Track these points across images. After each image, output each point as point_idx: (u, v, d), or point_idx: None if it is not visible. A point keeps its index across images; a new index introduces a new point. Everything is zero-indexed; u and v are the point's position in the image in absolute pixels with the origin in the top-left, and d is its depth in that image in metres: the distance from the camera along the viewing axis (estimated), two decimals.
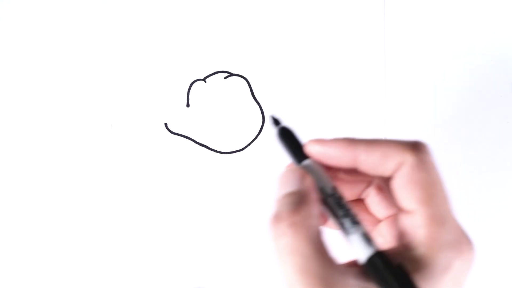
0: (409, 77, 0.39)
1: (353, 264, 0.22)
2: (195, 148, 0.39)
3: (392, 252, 0.22)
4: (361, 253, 0.21)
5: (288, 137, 0.26)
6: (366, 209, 0.28)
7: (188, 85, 0.39)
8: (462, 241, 0.22)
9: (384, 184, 0.25)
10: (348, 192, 0.27)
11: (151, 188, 0.39)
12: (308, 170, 0.24)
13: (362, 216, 0.27)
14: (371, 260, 0.21)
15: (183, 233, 0.39)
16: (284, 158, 0.25)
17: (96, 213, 0.39)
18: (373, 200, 0.27)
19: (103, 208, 0.39)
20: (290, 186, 0.23)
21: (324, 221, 0.27)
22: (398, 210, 0.23)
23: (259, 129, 0.39)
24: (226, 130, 0.39)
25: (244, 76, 0.39)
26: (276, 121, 0.27)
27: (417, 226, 0.22)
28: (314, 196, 0.23)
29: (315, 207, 0.23)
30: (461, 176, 0.39)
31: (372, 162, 0.23)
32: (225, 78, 0.39)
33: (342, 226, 0.22)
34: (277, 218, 0.22)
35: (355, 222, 0.22)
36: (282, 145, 0.26)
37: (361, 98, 0.39)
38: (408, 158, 0.22)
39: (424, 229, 0.22)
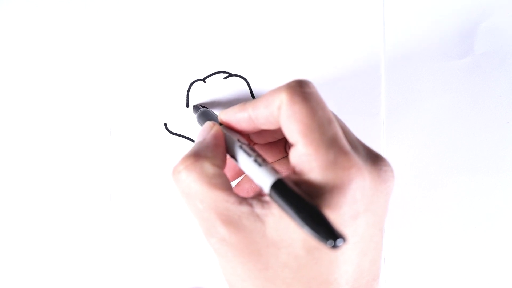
0: (408, 77, 0.39)
1: (254, 197, 0.24)
2: None
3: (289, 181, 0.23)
4: (265, 184, 0.23)
5: (205, 115, 0.32)
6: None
7: (188, 86, 0.39)
8: (352, 162, 0.23)
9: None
10: (274, 152, 0.30)
11: (151, 188, 0.39)
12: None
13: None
14: (273, 187, 0.22)
15: (182, 233, 0.39)
16: None
17: (96, 213, 0.39)
18: None
19: (102, 208, 0.39)
20: (198, 139, 0.27)
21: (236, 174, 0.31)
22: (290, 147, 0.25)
23: None
24: None
25: (244, 76, 0.39)
26: (197, 108, 0.34)
27: (301, 155, 0.23)
28: (214, 142, 0.26)
29: (213, 151, 0.25)
30: (460, 177, 0.40)
31: (261, 115, 0.25)
32: (225, 78, 0.39)
33: (250, 166, 0.24)
34: (174, 168, 0.25)
35: (259, 161, 0.24)
36: (200, 121, 0.32)
37: (361, 98, 0.39)
38: (283, 98, 0.23)
39: (306, 156, 0.23)
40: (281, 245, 0.22)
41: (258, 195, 0.24)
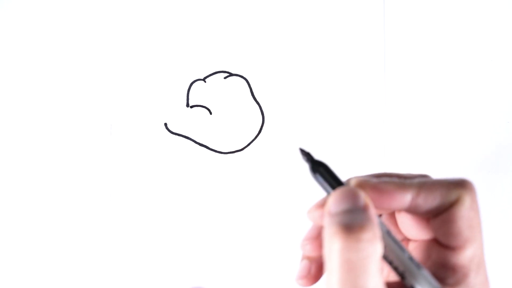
0: (409, 77, 0.39)
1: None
2: (195, 148, 0.39)
3: None
4: None
5: (330, 174, 0.24)
6: None
7: (188, 85, 0.39)
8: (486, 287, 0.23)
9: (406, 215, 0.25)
10: None
11: (151, 188, 0.39)
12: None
13: None
14: None
15: (183, 233, 0.39)
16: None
17: (96, 213, 0.39)
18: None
19: (103, 208, 0.39)
20: (351, 203, 0.22)
21: None
22: (430, 241, 0.23)
23: (258, 129, 0.39)
24: (226, 130, 0.39)
25: (244, 76, 0.39)
26: (307, 155, 0.24)
27: (456, 264, 0.22)
28: (376, 219, 0.22)
29: (378, 228, 0.22)
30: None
31: (429, 202, 0.23)
32: (225, 78, 0.39)
33: (406, 266, 0.22)
34: (349, 231, 0.21)
35: (415, 261, 0.22)
36: (322, 179, 0.24)
37: (361, 98, 0.39)
38: (463, 195, 0.22)
39: (463, 269, 0.22)
40: None
41: None
